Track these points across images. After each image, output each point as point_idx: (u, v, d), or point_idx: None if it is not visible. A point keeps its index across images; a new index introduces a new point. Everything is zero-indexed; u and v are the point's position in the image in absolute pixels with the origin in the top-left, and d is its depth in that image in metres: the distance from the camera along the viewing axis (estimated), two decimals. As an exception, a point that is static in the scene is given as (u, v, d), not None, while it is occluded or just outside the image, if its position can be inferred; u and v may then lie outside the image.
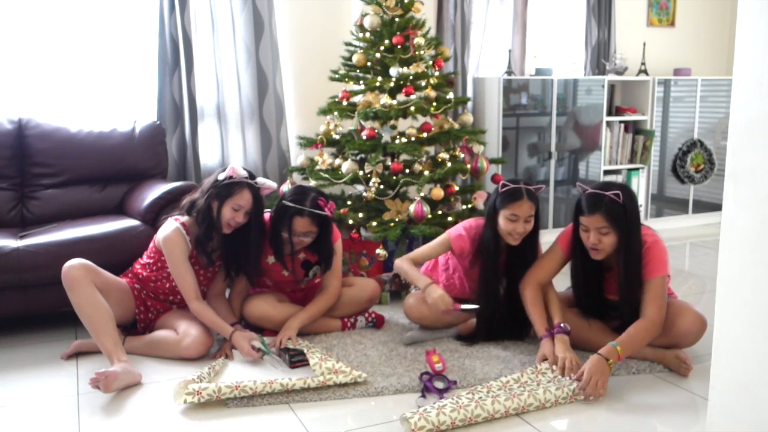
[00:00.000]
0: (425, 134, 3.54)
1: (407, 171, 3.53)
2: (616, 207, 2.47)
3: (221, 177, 2.78)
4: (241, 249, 2.84)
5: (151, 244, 2.89)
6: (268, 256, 2.93)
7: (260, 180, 2.85)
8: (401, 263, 2.86)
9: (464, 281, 2.95)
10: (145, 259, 2.90)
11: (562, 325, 2.59)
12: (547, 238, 3.17)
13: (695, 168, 5.27)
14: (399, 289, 3.48)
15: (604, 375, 2.34)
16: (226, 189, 2.75)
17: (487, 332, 2.83)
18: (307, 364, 2.59)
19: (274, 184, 2.90)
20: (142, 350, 2.76)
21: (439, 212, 3.51)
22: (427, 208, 3.33)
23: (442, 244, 2.87)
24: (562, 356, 2.47)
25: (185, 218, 2.81)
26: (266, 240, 2.90)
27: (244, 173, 2.79)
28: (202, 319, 2.74)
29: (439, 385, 2.44)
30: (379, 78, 3.63)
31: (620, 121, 5.03)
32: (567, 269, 2.76)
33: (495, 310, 2.73)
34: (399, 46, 3.57)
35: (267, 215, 2.93)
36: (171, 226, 2.77)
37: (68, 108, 3.80)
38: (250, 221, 2.80)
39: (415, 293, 2.99)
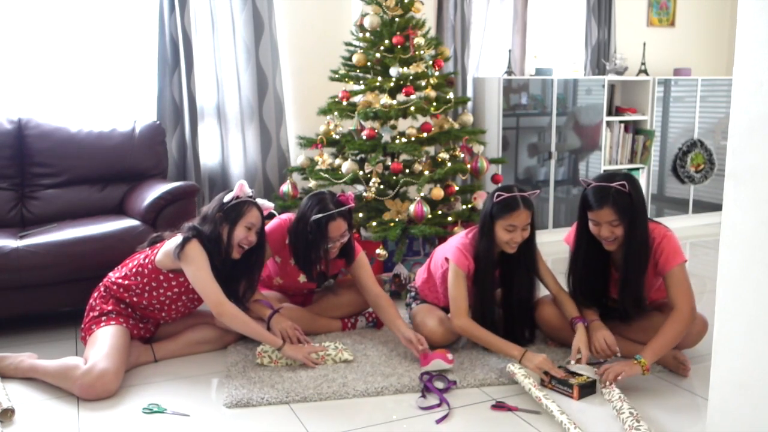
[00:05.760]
0: (425, 134, 3.54)
1: (407, 171, 3.53)
2: (624, 197, 2.45)
3: (227, 199, 2.68)
4: (245, 270, 2.76)
5: (140, 260, 2.68)
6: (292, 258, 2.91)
7: (259, 201, 2.77)
8: (469, 327, 2.64)
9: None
10: (124, 273, 2.68)
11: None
12: (548, 238, 3.16)
13: (695, 168, 5.27)
14: (398, 289, 3.48)
15: (627, 368, 2.36)
16: (235, 209, 2.65)
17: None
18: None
19: (271, 204, 2.85)
20: (176, 353, 2.74)
21: (439, 212, 3.51)
22: (427, 208, 3.33)
23: (459, 275, 2.67)
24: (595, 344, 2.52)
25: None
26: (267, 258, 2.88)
27: (250, 191, 2.72)
28: (242, 329, 2.61)
29: (439, 385, 2.44)
30: (379, 78, 3.63)
31: (620, 121, 5.04)
32: (563, 267, 2.76)
33: (491, 321, 2.70)
34: (399, 46, 3.57)
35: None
36: (186, 240, 2.56)
37: (68, 108, 3.80)
38: (259, 241, 2.74)
39: (419, 307, 2.91)
